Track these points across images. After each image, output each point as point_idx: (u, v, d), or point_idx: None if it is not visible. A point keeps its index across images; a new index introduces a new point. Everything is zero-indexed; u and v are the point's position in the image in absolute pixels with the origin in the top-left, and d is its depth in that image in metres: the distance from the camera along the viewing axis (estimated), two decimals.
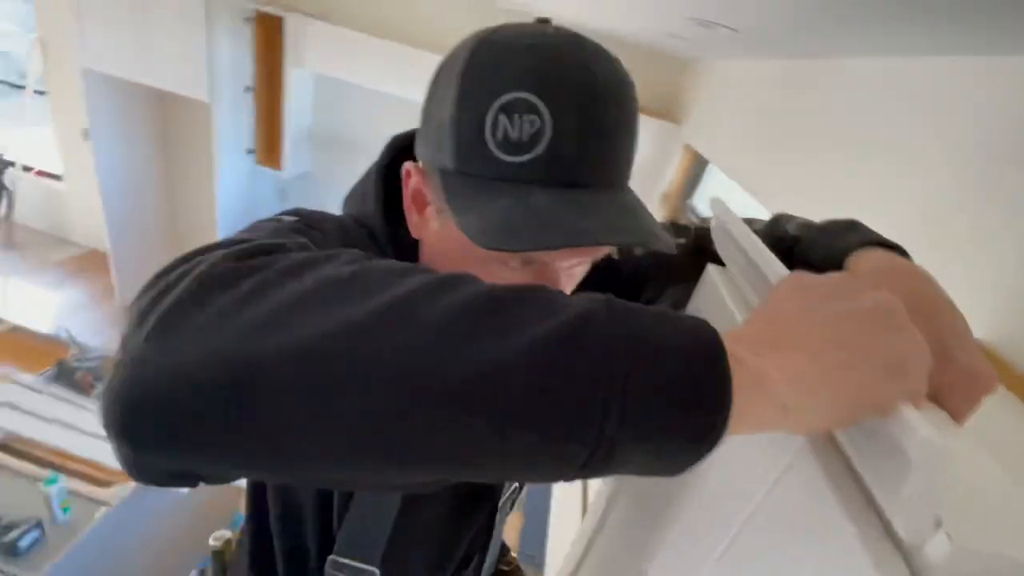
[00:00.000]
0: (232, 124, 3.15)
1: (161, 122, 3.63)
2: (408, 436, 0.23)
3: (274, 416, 0.23)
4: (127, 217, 3.54)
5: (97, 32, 2.87)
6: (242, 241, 0.30)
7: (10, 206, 3.83)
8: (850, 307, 0.28)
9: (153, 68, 2.93)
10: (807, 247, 0.53)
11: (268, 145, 3.44)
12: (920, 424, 0.24)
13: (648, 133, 2.68)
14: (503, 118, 0.37)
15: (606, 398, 0.23)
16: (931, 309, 0.36)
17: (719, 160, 2.03)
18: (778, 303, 0.31)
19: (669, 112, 2.86)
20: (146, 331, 0.24)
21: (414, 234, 0.49)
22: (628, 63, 0.45)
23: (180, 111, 3.54)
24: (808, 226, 0.58)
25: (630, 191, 0.45)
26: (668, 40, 1.87)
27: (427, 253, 0.49)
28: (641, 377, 0.23)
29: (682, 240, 0.66)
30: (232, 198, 3.38)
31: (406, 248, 0.50)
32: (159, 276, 0.28)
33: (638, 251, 0.66)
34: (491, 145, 0.38)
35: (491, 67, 0.39)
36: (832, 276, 0.31)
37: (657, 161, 2.77)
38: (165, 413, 0.23)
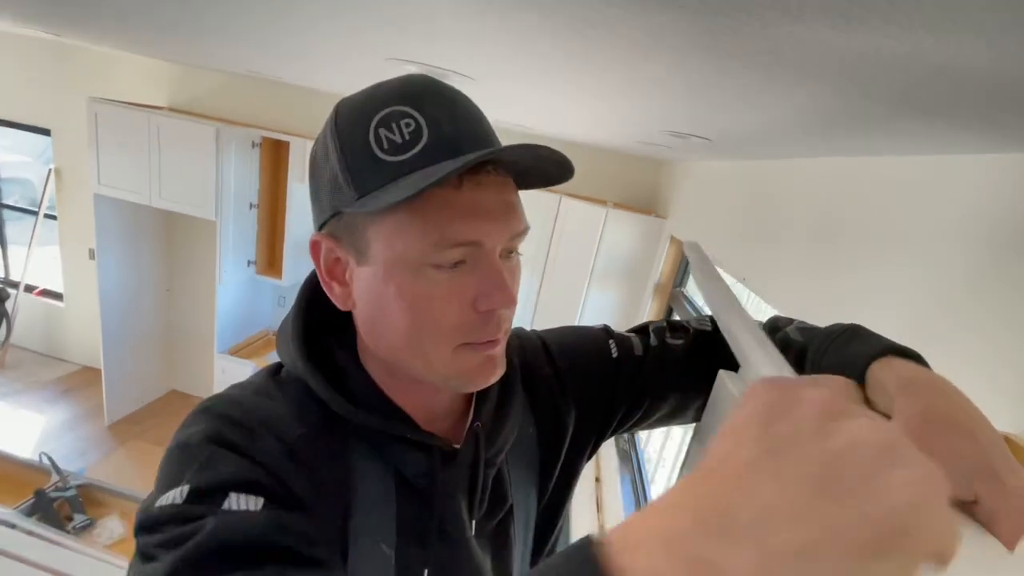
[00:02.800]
0: (235, 238, 3.27)
1: (166, 238, 3.78)
2: None
3: None
4: (122, 333, 3.55)
5: (111, 161, 3.08)
6: None
7: (8, 331, 3.83)
8: (823, 449, 0.20)
9: (163, 192, 3.11)
10: (817, 356, 0.50)
11: (269, 256, 3.55)
12: None
13: (635, 228, 2.80)
14: (383, 131, 0.41)
15: None
16: (970, 425, 0.34)
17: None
18: (727, 445, 0.22)
19: (653, 207, 3.00)
20: None
21: (341, 307, 0.48)
22: (605, 164, 0.49)
23: (185, 227, 3.70)
24: (810, 331, 0.56)
25: None
26: (641, 147, 2.01)
27: (362, 318, 0.48)
28: None
29: (680, 341, 0.65)
30: (232, 306, 3.43)
31: (343, 375, 0.49)
32: None
33: (637, 352, 0.64)
34: (380, 155, 0.41)
35: (357, 108, 0.43)
36: (805, 393, 0.22)
37: (646, 253, 2.87)
38: None
